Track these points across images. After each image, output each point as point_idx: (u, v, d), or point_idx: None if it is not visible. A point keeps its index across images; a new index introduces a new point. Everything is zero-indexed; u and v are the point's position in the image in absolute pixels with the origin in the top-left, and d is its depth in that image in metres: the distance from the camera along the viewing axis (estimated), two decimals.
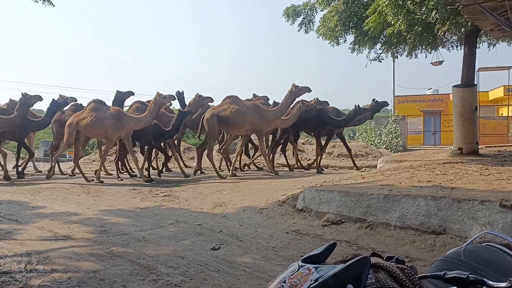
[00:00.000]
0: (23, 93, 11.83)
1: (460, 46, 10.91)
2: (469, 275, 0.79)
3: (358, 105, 12.23)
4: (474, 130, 9.70)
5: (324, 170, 12.14)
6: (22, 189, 9.41)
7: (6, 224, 5.97)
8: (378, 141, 21.01)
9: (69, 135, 11.06)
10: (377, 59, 12.47)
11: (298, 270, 0.75)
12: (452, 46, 11.38)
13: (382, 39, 11.53)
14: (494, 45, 11.50)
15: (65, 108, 13.47)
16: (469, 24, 8.51)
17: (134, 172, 12.30)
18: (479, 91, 11.49)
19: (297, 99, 11.68)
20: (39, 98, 12.15)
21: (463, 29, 9.42)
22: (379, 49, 12.24)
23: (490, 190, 5.18)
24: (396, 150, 19.47)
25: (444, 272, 0.81)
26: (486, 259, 1.04)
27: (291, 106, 11.68)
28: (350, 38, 12.08)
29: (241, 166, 13.11)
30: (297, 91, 11.13)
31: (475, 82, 10.18)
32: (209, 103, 12.85)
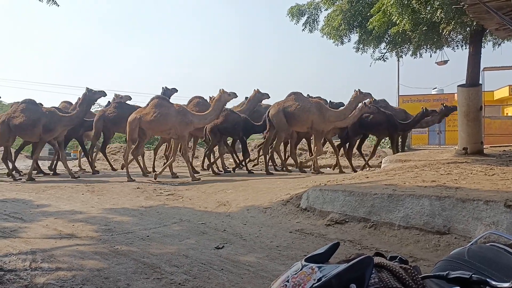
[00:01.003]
0: (88, 88, 11.73)
1: (465, 46, 10.86)
2: (472, 275, 0.79)
3: (426, 108, 12.51)
4: (479, 130, 9.66)
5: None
6: (27, 188, 9.46)
7: (11, 222, 6.00)
8: (383, 140, 20.94)
9: (132, 130, 10.96)
10: (382, 59, 12.45)
11: (301, 270, 0.75)
12: (457, 46, 11.33)
13: (387, 39, 11.49)
14: (499, 44, 11.44)
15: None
16: (474, 23, 8.47)
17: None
18: (484, 91, 11.40)
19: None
20: (103, 94, 12.08)
21: (468, 28, 9.38)
22: (384, 48, 12.22)
23: (495, 190, 5.16)
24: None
25: (447, 272, 0.81)
26: (490, 259, 1.04)
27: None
28: (355, 37, 12.08)
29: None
30: (361, 96, 11.46)
31: (480, 82, 10.13)
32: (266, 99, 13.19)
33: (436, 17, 8.50)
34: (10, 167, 12.21)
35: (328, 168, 13.50)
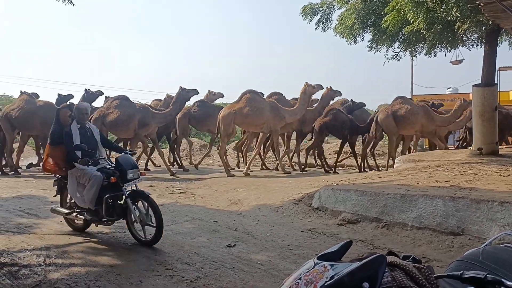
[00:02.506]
0: (181, 87, 11.80)
1: (481, 45, 10.71)
2: (487, 275, 0.78)
3: None
4: (494, 130, 9.52)
5: None
6: (42, 184, 9.57)
7: (26, 218, 6.09)
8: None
9: (227, 126, 11.00)
10: (396, 58, 12.34)
11: (313, 267, 0.75)
12: (472, 45, 11.18)
13: (401, 37, 11.38)
14: None
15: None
16: (490, 22, 8.35)
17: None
18: (499, 91, 11.27)
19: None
20: (196, 92, 12.09)
21: (483, 27, 9.25)
22: (397, 47, 12.10)
23: (509, 191, 5.09)
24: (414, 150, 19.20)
25: (461, 272, 0.80)
26: (504, 260, 1.03)
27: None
28: (368, 36, 11.97)
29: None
30: (465, 104, 11.90)
31: (496, 82, 9.99)
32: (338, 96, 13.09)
33: (451, 16, 8.39)
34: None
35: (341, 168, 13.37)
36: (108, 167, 5.10)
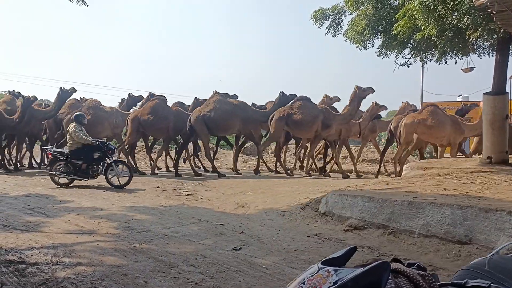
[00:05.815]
0: (357, 86, 11.93)
1: (492, 53, 10.63)
2: (491, 285, 0.78)
3: None
4: (504, 139, 9.43)
5: None
6: (51, 183, 9.65)
7: (34, 217, 6.15)
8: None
9: (409, 134, 11.41)
10: (406, 64, 12.27)
11: (317, 272, 0.75)
12: (484, 53, 11.09)
13: (411, 44, 11.34)
14: None
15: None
16: (502, 30, 8.30)
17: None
18: (510, 99, 11.16)
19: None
20: (371, 90, 12.22)
21: (495, 35, 9.19)
22: (408, 54, 12.04)
23: None
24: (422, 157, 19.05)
25: (465, 280, 0.80)
26: (511, 270, 1.02)
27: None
28: (378, 42, 11.93)
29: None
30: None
31: (507, 90, 9.90)
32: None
33: (462, 23, 8.35)
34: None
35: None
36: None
